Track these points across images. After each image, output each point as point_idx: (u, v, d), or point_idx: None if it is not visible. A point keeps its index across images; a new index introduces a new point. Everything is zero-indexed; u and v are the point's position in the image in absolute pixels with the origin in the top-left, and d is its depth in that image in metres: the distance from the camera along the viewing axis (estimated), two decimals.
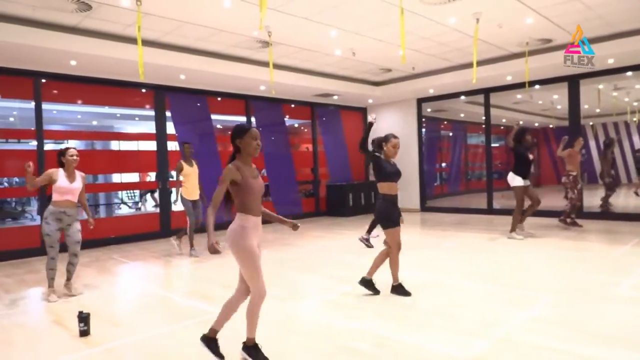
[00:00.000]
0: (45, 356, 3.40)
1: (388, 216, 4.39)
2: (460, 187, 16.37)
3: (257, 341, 3.05)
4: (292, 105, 11.72)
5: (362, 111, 13.29)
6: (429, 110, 12.76)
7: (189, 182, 6.99)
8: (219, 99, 10.17)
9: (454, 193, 15.59)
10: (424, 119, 12.49)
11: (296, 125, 13.76)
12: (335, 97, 11.62)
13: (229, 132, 2.98)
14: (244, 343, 3.05)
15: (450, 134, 16.55)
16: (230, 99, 10.32)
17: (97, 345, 3.57)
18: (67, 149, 4.97)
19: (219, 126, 11.22)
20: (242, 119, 10.77)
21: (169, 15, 6.23)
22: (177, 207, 7.44)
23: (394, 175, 4.46)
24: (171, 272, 6.29)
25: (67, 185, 4.82)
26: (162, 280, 5.91)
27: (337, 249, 7.27)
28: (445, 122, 15.91)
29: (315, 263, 6.36)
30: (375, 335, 3.50)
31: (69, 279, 5.06)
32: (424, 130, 12.48)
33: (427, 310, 4.03)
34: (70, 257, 4.99)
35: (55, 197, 4.81)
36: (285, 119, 11.77)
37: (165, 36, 7.09)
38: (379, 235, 8.04)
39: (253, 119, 10.86)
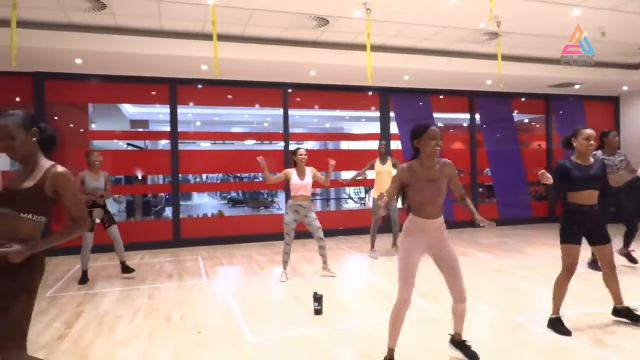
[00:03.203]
0: (286, 326, 3.97)
1: (566, 228, 3.58)
2: None
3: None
4: (522, 99, 10.70)
5: (613, 101, 11.17)
6: None
7: (379, 180, 6.92)
8: (441, 96, 10.04)
9: None
10: None
11: (526, 120, 12.53)
12: (577, 87, 10.10)
13: (450, 130, 2.95)
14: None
15: None
16: (453, 96, 10.08)
17: (328, 324, 3.97)
18: (298, 149, 5.68)
19: (440, 124, 11.10)
20: (466, 116, 10.40)
21: (395, 19, 6.47)
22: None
23: (586, 181, 3.47)
24: (393, 266, 6.51)
25: (299, 183, 5.52)
26: (384, 272, 6.18)
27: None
28: None
29: (548, 274, 5.66)
30: None
31: (325, 262, 5.78)
32: None
33: None
34: (319, 241, 5.68)
35: (291, 192, 5.60)
36: (514, 114, 10.83)
37: (392, 40, 7.38)
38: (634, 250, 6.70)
39: (477, 116, 10.36)
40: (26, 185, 2.20)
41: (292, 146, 9.38)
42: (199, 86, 8.53)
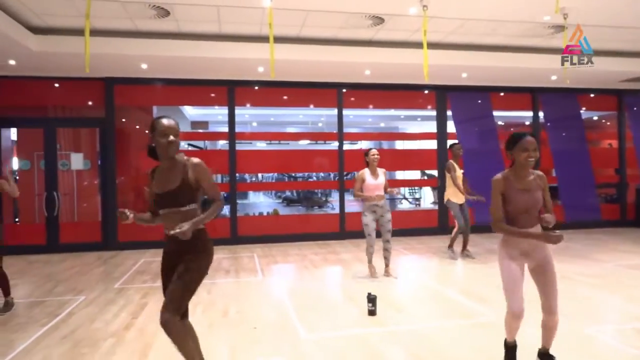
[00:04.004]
0: (339, 325, 3.98)
1: None
2: None
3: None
4: (591, 95, 10.06)
5: None
6: None
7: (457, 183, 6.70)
8: (502, 94, 9.65)
9: None
10: None
11: (595, 118, 11.76)
12: None
13: (512, 129, 2.84)
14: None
15: None
16: (514, 93, 9.66)
17: (381, 325, 3.94)
18: (370, 149, 5.70)
19: (500, 123, 10.67)
20: (528, 114, 9.93)
21: (452, 15, 6.29)
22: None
23: None
24: (448, 269, 6.35)
25: (373, 183, 5.55)
26: (439, 275, 6.04)
27: None
28: None
29: (618, 283, 5.29)
30: None
31: (387, 265, 5.77)
32: None
33: None
34: (385, 244, 5.70)
35: (366, 193, 5.56)
36: (581, 111, 10.20)
37: (449, 36, 7.18)
38: None
39: (541, 113, 9.86)
40: (175, 185, 2.57)
41: (347, 146, 9.39)
42: (256, 88, 8.73)
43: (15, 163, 8.47)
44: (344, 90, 9.00)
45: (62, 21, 6.25)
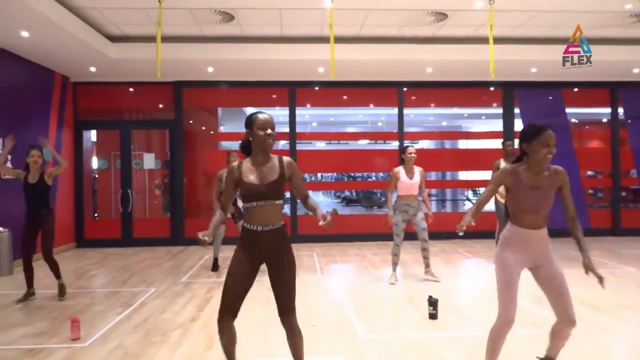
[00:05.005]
0: (399, 327, 3.93)
1: None
2: None
3: None
4: None
5: None
6: None
7: None
8: (576, 89, 9.06)
9: None
10: None
11: None
12: None
13: (587, 127, 2.62)
14: None
15: None
16: (590, 88, 9.03)
17: (443, 330, 3.83)
18: (407, 147, 5.49)
19: (574, 120, 10.02)
20: (606, 110, 9.25)
21: (521, 8, 6.00)
22: None
23: None
24: None
25: (407, 181, 5.35)
26: None
27: None
28: None
29: None
30: None
31: (427, 265, 5.57)
32: None
33: None
34: (422, 243, 5.48)
35: (399, 192, 5.44)
36: None
37: (516, 30, 6.86)
38: None
39: (620, 110, 9.14)
40: (274, 177, 2.58)
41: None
42: (316, 88, 8.82)
43: (95, 162, 9.16)
44: (405, 88, 8.86)
45: (136, 29, 6.66)
